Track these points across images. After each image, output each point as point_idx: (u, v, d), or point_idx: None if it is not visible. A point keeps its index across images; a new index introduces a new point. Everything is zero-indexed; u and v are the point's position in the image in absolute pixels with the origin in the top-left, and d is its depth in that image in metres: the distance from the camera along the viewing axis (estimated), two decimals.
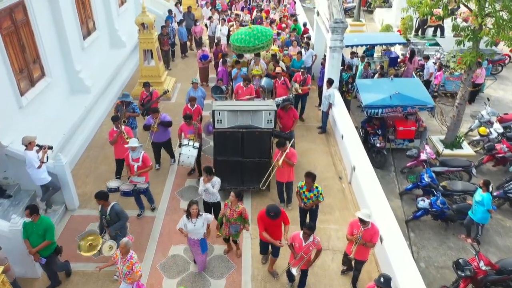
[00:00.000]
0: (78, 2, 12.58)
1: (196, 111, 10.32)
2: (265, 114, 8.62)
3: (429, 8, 9.69)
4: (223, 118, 8.59)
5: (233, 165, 8.98)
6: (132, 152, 8.17)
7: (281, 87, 11.73)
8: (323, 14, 13.01)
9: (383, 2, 25.19)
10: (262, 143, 8.80)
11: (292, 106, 10.50)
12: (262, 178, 8.74)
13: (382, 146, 11.25)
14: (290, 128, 10.32)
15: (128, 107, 10.25)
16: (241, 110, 8.62)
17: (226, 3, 21.52)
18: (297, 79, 12.10)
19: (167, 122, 9.77)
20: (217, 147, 8.92)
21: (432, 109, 11.29)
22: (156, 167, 10.29)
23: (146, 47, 13.35)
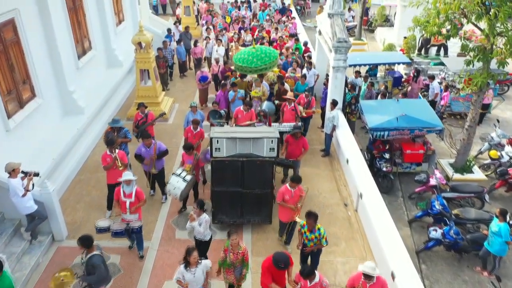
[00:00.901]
0: (73, 21, 12.22)
1: (198, 135, 9.84)
2: (267, 142, 8.03)
3: (437, 27, 9.29)
4: (221, 146, 8.00)
5: (232, 197, 8.36)
6: (126, 187, 7.50)
7: (289, 112, 11.18)
8: (325, 33, 12.65)
9: (384, 21, 25.00)
10: (263, 173, 8.18)
11: (302, 134, 9.93)
12: (263, 211, 8.19)
13: (389, 170, 10.72)
14: (296, 157, 9.76)
15: (119, 133, 9.69)
16: (241, 138, 8.03)
17: (227, 22, 21.25)
18: (301, 101, 11.59)
19: (163, 152, 9.20)
20: (215, 177, 8.29)
21: (441, 131, 10.79)
22: (151, 193, 9.70)
23: (143, 66, 12.93)
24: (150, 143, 9.00)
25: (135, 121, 10.67)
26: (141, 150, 9.08)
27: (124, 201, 7.47)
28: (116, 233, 7.51)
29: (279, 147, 8.31)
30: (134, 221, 7.62)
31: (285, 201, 7.67)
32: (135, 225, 7.64)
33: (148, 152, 9.02)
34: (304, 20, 26.34)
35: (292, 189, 7.66)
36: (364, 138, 13.06)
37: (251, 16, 23.05)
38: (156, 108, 13.07)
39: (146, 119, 10.60)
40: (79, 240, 6.21)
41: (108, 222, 7.60)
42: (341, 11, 12.03)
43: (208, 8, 23.23)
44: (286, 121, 11.02)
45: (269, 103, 11.62)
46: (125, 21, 17.19)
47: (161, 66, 14.90)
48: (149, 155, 9.01)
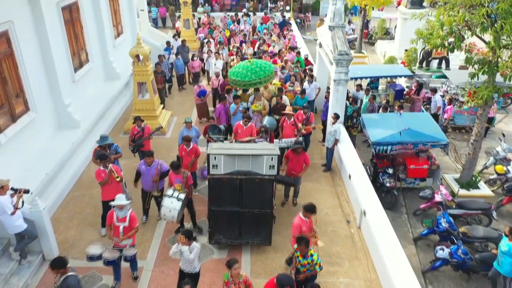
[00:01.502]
0: (70, 34, 12.04)
1: (192, 151, 9.45)
2: (266, 159, 7.65)
3: (441, 39, 9.06)
4: (219, 163, 7.63)
5: (230, 216, 7.97)
6: (119, 211, 7.09)
7: (289, 127, 10.82)
8: (326, 46, 12.45)
9: (385, 34, 24.93)
10: (263, 192, 7.80)
11: (304, 150, 9.57)
12: (263, 231, 7.82)
13: (393, 185, 10.40)
14: (297, 173, 9.42)
15: (110, 150, 9.34)
16: (239, 155, 7.67)
17: (226, 36, 21.09)
18: (299, 117, 11.20)
19: (165, 173, 8.75)
20: (212, 195, 7.91)
21: (445, 146, 10.50)
22: (143, 219, 9.19)
23: (141, 79, 12.70)
24: (152, 161, 8.58)
25: (132, 135, 10.40)
26: (141, 167, 8.67)
27: (118, 226, 7.04)
28: (109, 262, 6.95)
29: (279, 165, 7.96)
30: (128, 248, 7.16)
31: (303, 232, 7.06)
32: (129, 254, 7.11)
33: (149, 171, 8.60)
34: (304, 33, 26.28)
35: (306, 218, 7.16)
36: (366, 152, 12.78)
37: (251, 30, 22.94)
38: (154, 122, 12.81)
39: (143, 133, 10.33)
40: (51, 264, 5.86)
41: (100, 249, 7.00)
42: (342, 24, 11.85)
43: (209, 22, 23.17)
44: (286, 137, 10.67)
45: (271, 118, 11.28)
46: (123, 34, 17.04)
47: (159, 82, 14.56)
48: (150, 175, 8.60)
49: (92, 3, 13.75)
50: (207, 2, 29.47)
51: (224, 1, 30.56)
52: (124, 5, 17.28)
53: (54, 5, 11.06)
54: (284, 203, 9.88)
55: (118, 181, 8.22)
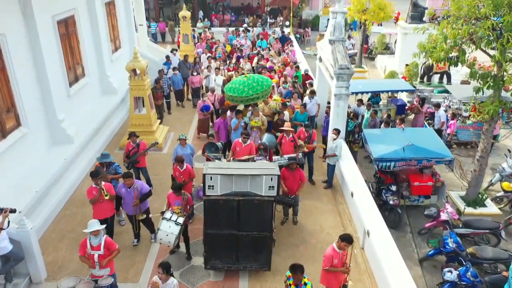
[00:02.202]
0: (65, 48, 11.82)
1: (185, 173, 9.01)
2: (266, 180, 7.28)
3: (445, 53, 8.81)
4: (215, 183, 7.24)
5: (227, 240, 7.55)
6: (93, 238, 6.63)
7: (288, 144, 10.51)
8: (326, 60, 12.22)
9: (385, 49, 24.83)
10: (262, 214, 7.39)
11: (298, 166, 9.22)
12: (262, 256, 7.39)
13: (396, 203, 10.03)
14: (294, 191, 9.07)
15: (109, 168, 9.00)
16: (237, 175, 7.29)
17: (227, 51, 20.93)
18: (301, 135, 10.86)
19: (146, 194, 8.33)
20: (208, 217, 7.49)
21: (450, 162, 10.18)
22: (134, 242, 8.75)
23: (138, 94, 12.45)
24: (132, 183, 8.08)
25: (126, 151, 10.10)
26: (121, 190, 8.17)
27: (92, 255, 6.59)
28: None
29: (279, 185, 7.58)
30: (104, 277, 6.67)
31: (334, 266, 6.61)
32: (105, 283, 6.50)
33: (129, 194, 8.12)
34: (303, 48, 26.20)
35: (340, 250, 6.60)
36: (368, 169, 12.44)
37: (251, 45, 22.81)
38: (150, 137, 12.52)
39: (138, 149, 10.02)
40: None
41: (73, 282, 6.48)
42: (342, 37, 11.63)
43: (208, 37, 23.06)
44: (286, 153, 10.33)
45: (270, 136, 10.90)
46: (121, 48, 16.86)
47: (158, 98, 14.26)
48: (130, 199, 8.13)
49: (89, 17, 13.59)
50: (207, 17, 29.49)
51: (223, 16, 30.60)
52: (122, 20, 17.15)
53: (49, 19, 10.87)
54: (284, 222, 9.51)
55: (108, 199, 7.89)
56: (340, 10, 11.54)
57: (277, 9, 31.49)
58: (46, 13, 10.61)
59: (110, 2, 15.63)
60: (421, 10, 20.07)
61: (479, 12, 8.22)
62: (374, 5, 19.92)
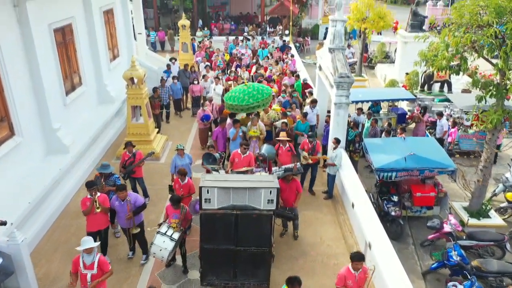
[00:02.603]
0: (62, 56, 11.67)
1: (186, 187, 8.71)
2: (264, 193, 6.99)
3: (446, 61, 8.66)
4: (212, 196, 6.98)
5: (224, 255, 7.26)
6: (86, 256, 6.34)
7: (285, 154, 10.36)
8: (326, 69, 12.08)
9: (385, 57, 24.77)
10: (260, 228, 7.10)
11: (294, 177, 8.97)
12: (260, 271, 7.09)
13: (398, 214, 9.82)
14: (292, 203, 8.82)
15: (108, 180, 8.75)
16: (235, 188, 7.04)
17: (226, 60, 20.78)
18: (305, 147, 10.59)
19: (140, 207, 8.02)
20: (205, 232, 7.19)
21: (453, 172, 9.98)
22: (129, 255, 8.49)
23: (135, 103, 12.28)
24: (125, 196, 7.80)
25: (122, 161, 9.89)
26: (114, 203, 7.87)
27: (85, 274, 6.30)
28: None
29: (278, 198, 7.30)
30: None
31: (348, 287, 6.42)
32: None
33: (122, 208, 7.84)
34: (303, 57, 26.12)
35: (356, 272, 6.37)
36: (368, 178, 12.24)
37: (251, 54, 22.69)
38: (148, 147, 12.35)
39: (134, 159, 9.81)
40: None
41: None
42: (342, 46, 11.52)
43: (208, 46, 22.98)
44: (283, 164, 10.10)
45: (269, 147, 10.61)
46: (120, 57, 16.73)
47: (156, 107, 14.01)
48: (124, 212, 7.85)
49: (87, 25, 13.47)
50: (206, 26, 29.47)
51: (223, 25, 30.58)
52: (121, 28, 17.06)
53: (45, 27, 10.73)
54: (283, 234, 9.27)
55: (98, 212, 7.68)
56: (340, 19, 11.44)
57: (276, 18, 31.49)
58: (42, 21, 10.47)
59: (109, 11, 15.54)
60: (421, 19, 20.06)
61: (482, 19, 8.08)
62: (373, 13, 19.91)
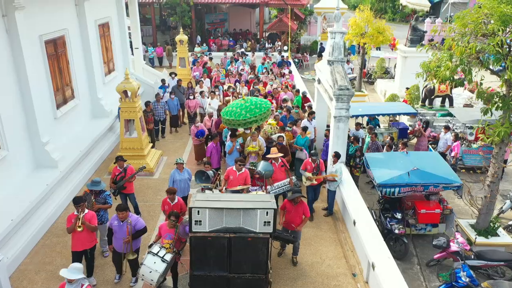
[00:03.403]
0: (53, 68, 11.36)
1: (176, 207, 8.17)
2: (261, 214, 6.53)
3: (450, 72, 8.31)
4: (203, 218, 6.49)
5: (216, 283, 6.74)
6: (69, 285, 5.79)
7: (279, 170, 9.85)
8: (325, 81, 11.75)
9: (384, 73, 24.56)
10: (256, 253, 6.58)
11: (303, 199, 8.28)
12: None
13: (402, 232, 9.34)
14: (296, 226, 8.15)
15: (98, 197, 8.28)
16: (228, 208, 6.57)
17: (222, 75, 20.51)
18: (308, 166, 9.92)
19: (140, 231, 7.47)
20: (195, 257, 6.68)
21: (459, 188, 9.54)
22: (116, 278, 7.93)
23: (128, 116, 11.90)
24: (126, 216, 7.26)
25: (113, 176, 9.46)
26: (113, 223, 7.35)
27: None
28: None
29: (276, 220, 6.79)
30: None
31: None
32: None
33: (121, 229, 7.28)
34: (302, 73, 25.93)
35: None
36: (370, 195, 11.78)
37: (249, 70, 22.46)
38: (141, 162, 11.94)
39: (125, 174, 9.37)
40: None
41: None
42: (341, 58, 11.22)
43: (206, 61, 22.76)
44: (277, 181, 9.55)
45: (266, 164, 9.97)
46: (115, 71, 16.44)
47: (149, 121, 13.61)
48: (122, 233, 7.25)
49: (81, 38, 13.21)
50: (205, 42, 29.38)
51: (221, 41, 30.50)
52: (117, 43, 16.82)
53: (36, 38, 10.46)
54: (281, 254, 8.76)
55: (80, 231, 7.21)
56: (339, 30, 11.17)
57: (275, 34, 31.47)
58: (32, 32, 10.20)
59: (104, 24, 15.32)
60: (420, 34, 19.85)
61: (487, 28, 7.77)
62: (372, 29, 19.75)
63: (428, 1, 20.67)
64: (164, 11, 36.19)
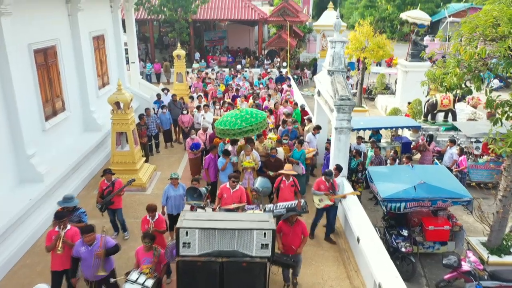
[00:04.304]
0: (43, 79, 10.94)
1: (158, 224, 7.52)
2: (257, 236, 5.86)
3: (458, 78, 7.85)
4: (192, 240, 5.80)
5: None
6: None
7: (288, 189, 8.97)
8: (325, 92, 11.31)
9: (385, 89, 24.23)
10: (252, 280, 5.86)
11: (299, 217, 7.56)
12: None
13: (409, 250, 8.73)
14: (295, 250, 7.43)
15: (72, 215, 7.57)
16: (221, 229, 5.88)
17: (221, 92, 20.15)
18: (321, 186, 8.98)
19: (112, 249, 6.69)
20: (183, 284, 5.95)
21: (469, 203, 8.96)
22: None
23: (120, 129, 11.42)
24: (93, 239, 6.51)
25: (100, 191, 8.93)
26: (79, 250, 6.51)
27: None
28: None
29: (274, 242, 6.08)
30: None
31: None
32: None
33: (90, 253, 6.50)
34: (301, 89, 25.63)
35: None
36: (373, 212, 11.18)
37: (249, 86, 22.13)
38: (133, 177, 11.37)
39: (113, 188, 8.81)
40: None
41: None
42: (342, 68, 10.80)
43: (204, 77, 22.46)
44: (284, 200, 8.76)
45: (264, 180, 9.46)
46: (110, 85, 16.01)
47: (143, 135, 13.07)
48: (91, 258, 6.48)
49: (74, 49, 12.85)
50: (203, 58, 29.20)
51: (220, 58, 30.33)
52: (112, 56, 16.48)
53: (24, 47, 10.06)
54: None
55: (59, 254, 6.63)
56: (339, 39, 10.78)
57: (274, 51, 31.35)
58: (20, 40, 9.81)
59: (99, 36, 15.00)
60: (421, 49, 19.57)
61: (497, 31, 7.34)
62: (373, 43, 19.48)
63: (428, 15, 20.43)
64: (163, 28, 36.24)
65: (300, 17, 30.40)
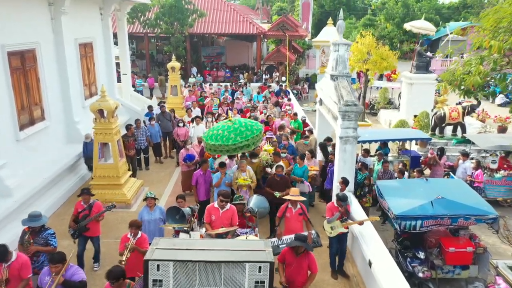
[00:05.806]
0: (18, 84, 9.97)
1: (140, 243, 6.43)
2: (250, 270, 4.71)
3: (482, 76, 6.89)
4: (165, 276, 4.62)
5: None
6: None
7: (296, 218, 7.62)
8: (328, 99, 10.35)
9: (387, 103, 23.38)
10: None
11: (308, 250, 6.23)
12: None
13: (427, 276, 7.60)
14: (300, 286, 6.18)
15: (39, 236, 6.48)
16: (203, 262, 4.67)
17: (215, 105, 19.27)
18: (335, 213, 7.66)
19: (75, 284, 5.49)
20: None
21: (494, 221, 7.86)
22: None
23: (103, 139, 10.41)
24: (60, 270, 5.39)
25: (75, 213, 7.69)
26: (43, 280, 5.52)
27: None
28: None
29: (273, 278, 4.86)
30: None
31: None
32: None
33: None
34: (301, 104, 24.79)
35: None
36: (382, 231, 10.03)
37: (246, 100, 21.27)
38: (117, 192, 10.43)
39: (90, 211, 7.58)
40: None
41: None
42: (346, 73, 9.89)
43: (200, 90, 21.66)
44: (291, 232, 7.30)
45: (260, 198, 8.36)
46: (97, 95, 15.01)
47: (130, 146, 12.04)
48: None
49: (56, 55, 11.94)
50: (200, 73, 28.44)
51: (217, 73, 29.60)
52: (101, 66, 15.59)
53: None
54: None
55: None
56: (343, 42, 9.91)
57: (272, 66, 30.69)
58: None
59: (86, 44, 14.13)
60: (426, 60, 18.76)
61: None
62: (376, 55, 18.71)
63: (432, 26, 19.80)
64: (159, 43, 35.72)
65: (299, 31, 29.82)
